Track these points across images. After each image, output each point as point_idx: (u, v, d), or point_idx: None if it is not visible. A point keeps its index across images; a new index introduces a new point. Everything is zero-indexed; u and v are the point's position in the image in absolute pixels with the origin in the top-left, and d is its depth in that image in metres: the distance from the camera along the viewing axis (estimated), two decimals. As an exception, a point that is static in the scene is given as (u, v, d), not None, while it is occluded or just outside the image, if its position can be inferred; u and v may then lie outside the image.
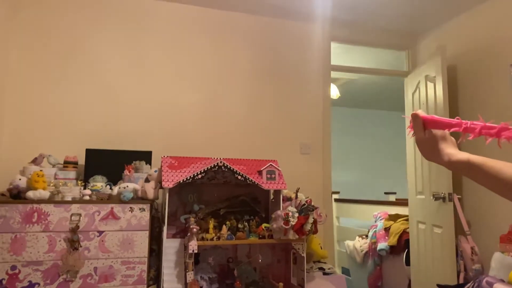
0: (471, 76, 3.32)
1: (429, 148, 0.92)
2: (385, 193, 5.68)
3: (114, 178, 2.79)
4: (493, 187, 0.82)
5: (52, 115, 3.08)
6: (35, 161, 2.73)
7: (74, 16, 3.20)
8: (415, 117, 0.92)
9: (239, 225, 2.66)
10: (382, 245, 4.04)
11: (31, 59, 3.08)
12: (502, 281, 2.19)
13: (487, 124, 0.81)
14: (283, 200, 2.83)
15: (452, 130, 0.87)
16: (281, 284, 2.56)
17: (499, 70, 3.03)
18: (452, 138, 0.91)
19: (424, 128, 0.91)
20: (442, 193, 3.11)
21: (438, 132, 0.90)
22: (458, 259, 2.98)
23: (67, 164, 2.75)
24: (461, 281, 2.86)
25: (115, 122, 3.20)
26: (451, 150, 0.89)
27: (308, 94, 3.73)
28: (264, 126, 3.57)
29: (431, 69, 3.36)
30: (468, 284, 2.32)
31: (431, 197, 3.23)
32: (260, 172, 2.83)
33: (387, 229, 4.14)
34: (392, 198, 5.43)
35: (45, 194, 2.45)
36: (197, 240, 2.45)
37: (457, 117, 0.88)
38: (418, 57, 4.08)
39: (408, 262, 3.74)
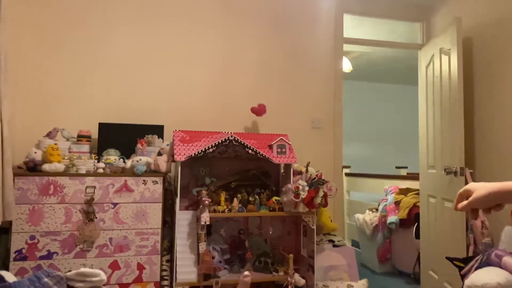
0: (487, 49, 3.23)
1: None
2: (397, 167, 5.68)
3: (127, 151, 2.83)
4: None
5: (65, 90, 3.11)
6: (49, 135, 2.78)
7: (84, -11, 3.18)
8: None
9: (250, 198, 2.70)
10: (392, 218, 4.07)
11: (44, 34, 3.09)
12: (511, 254, 2.21)
13: None
14: (293, 174, 2.85)
15: None
16: (291, 255, 2.61)
17: (517, 42, 2.95)
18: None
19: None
20: (454, 167, 3.10)
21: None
22: (467, 233, 3.00)
23: (80, 138, 2.80)
24: (470, 254, 2.89)
25: (127, 96, 3.22)
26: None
27: (320, 68, 3.69)
28: (275, 101, 3.55)
29: (446, 42, 3.29)
30: (477, 257, 2.33)
31: (443, 171, 3.22)
32: (270, 146, 2.84)
33: (397, 203, 4.17)
34: (403, 172, 5.43)
35: (60, 167, 2.50)
36: (209, 212, 2.49)
37: None
38: (432, 29, 3.99)
39: (417, 235, 3.77)
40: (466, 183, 3.05)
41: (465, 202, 0.99)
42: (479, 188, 0.96)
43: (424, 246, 3.60)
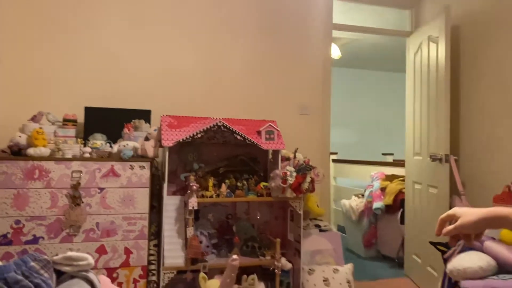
0: (474, 38, 3.26)
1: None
2: (383, 154, 5.74)
3: (113, 136, 2.80)
4: None
5: (50, 73, 3.04)
6: (34, 119, 2.72)
7: (69, -31, 3.10)
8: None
9: (238, 184, 2.70)
10: (377, 204, 4.13)
11: (29, 17, 3.00)
12: (492, 239, 2.26)
13: None
14: (281, 160, 2.86)
15: None
16: (278, 240, 2.64)
17: (504, 32, 2.97)
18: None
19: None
20: (439, 154, 3.15)
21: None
22: (451, 218, 3.06)
23: (66, 122, 2.75)
24: (453, 239, 2.95)
25: (113, 80, 3.17)
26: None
27: (309, 54, 3.68)
28: (263, 87, 3.54)
29: (435, 29, 3.30)
30: (459, 242, 2.39)
31: (428, 158, 3.26)
32: (259, 132, 2.84)
33: (383, 189, 4.23)
34: (389, 159, 5.49)
35: (46, 151, 2.46)
36: (197, 197, 2.49)
37: None
38: (421, 17, 3.99)
39: (402, 221, 3.84)
40: (451, 169, 3.10)
41: (451, 227, 0.94)
42: (467, 214, 0.92)
43: (409, 231, 3.66)
